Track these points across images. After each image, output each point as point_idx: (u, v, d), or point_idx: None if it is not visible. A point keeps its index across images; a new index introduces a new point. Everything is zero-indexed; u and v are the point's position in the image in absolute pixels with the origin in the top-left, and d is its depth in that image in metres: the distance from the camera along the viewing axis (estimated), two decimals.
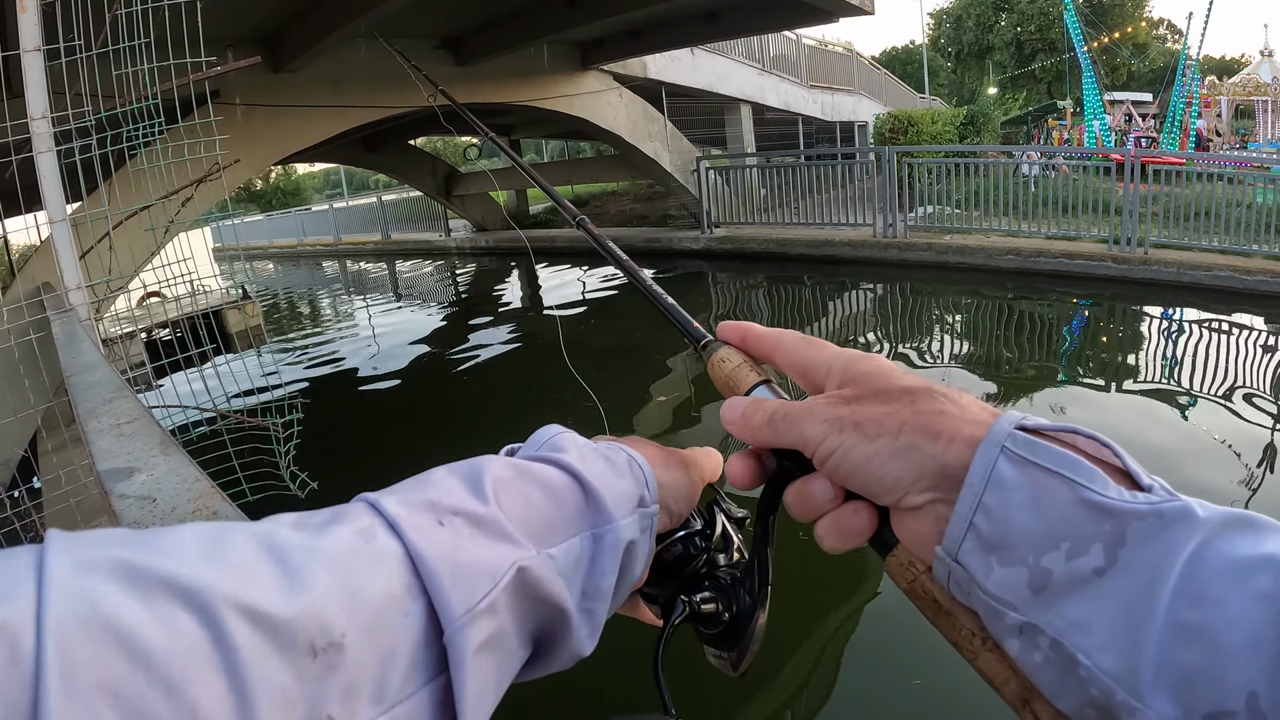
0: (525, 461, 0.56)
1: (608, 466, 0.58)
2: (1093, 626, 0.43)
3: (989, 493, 0.47)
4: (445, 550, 0.45)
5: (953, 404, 0.52)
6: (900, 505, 0.52)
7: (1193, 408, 6.96)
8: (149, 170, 4.51)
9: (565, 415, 6.38)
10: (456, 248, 24.83)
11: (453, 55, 13.63)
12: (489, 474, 0.52)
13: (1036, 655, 0.46)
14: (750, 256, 16.16)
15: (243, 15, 9.72)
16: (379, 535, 0.44)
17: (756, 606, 0.60)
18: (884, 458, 0.51)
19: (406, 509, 0.46)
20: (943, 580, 0.51)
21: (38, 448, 5.39)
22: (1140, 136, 23.67)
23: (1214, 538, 0.42)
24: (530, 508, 0.52)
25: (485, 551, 0.47)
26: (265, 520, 0.44)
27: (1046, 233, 12.70)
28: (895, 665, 4.00)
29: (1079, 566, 0.44)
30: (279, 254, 34.51)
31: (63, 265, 3.91)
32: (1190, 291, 10.62)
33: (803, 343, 0.63)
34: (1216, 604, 0.40)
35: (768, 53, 21.67)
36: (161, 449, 1.37)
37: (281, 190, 67.75)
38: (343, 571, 0.41)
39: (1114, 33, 42.23)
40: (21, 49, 3.67)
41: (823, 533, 0.56)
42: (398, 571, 0.43)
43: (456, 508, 0.48)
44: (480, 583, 0.45)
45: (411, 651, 0.42)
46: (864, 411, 0.53)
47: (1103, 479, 0.45)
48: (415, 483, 0.50)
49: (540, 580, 0.49)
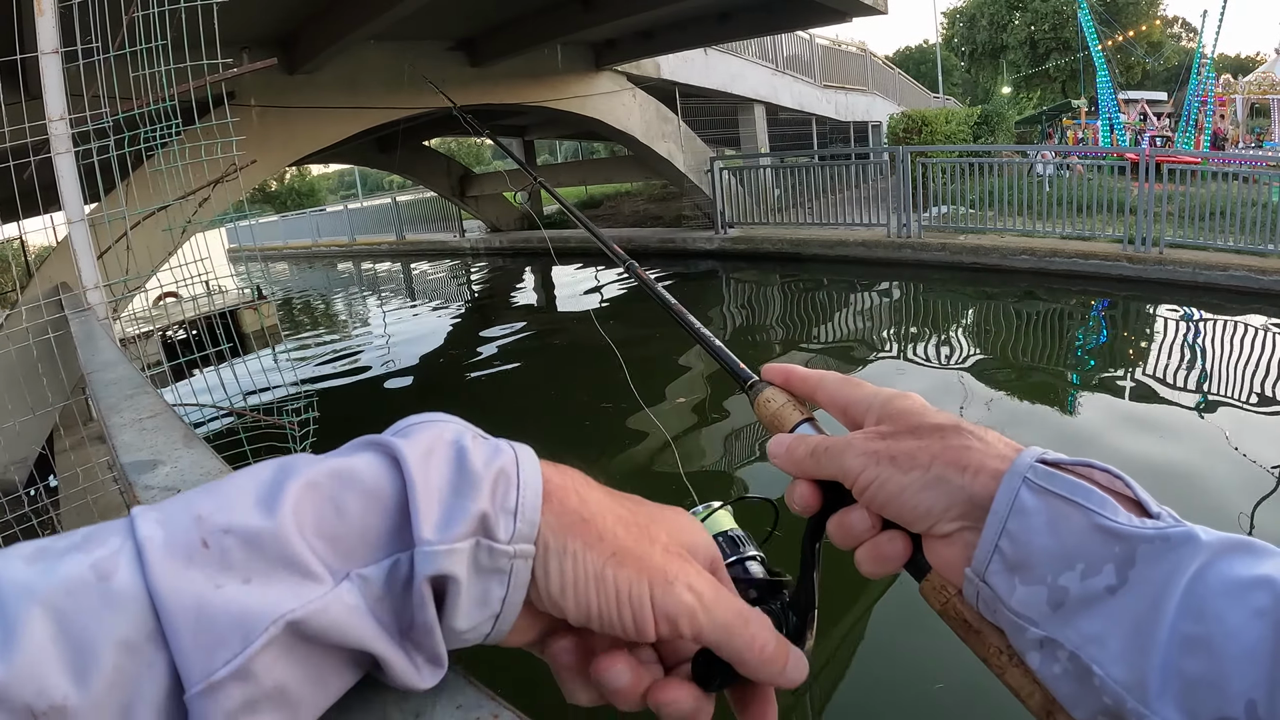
0: (353, 456, 0.46)
1: (455, 472, 0.46)
2: (1106, 640, 0.47)
3: (1012, 519, 0.52)
4: (192, 592, 0.38)
5: (979, 440, 0.57)
6: (932, 533, 0.57)
7: (1208, 409, 6.92)
8: (166, 171, 4.53)
9: (582, 416, 6.38)
10: (471, 248, 24.84)
11: (467, 56, 13.65)
12: (296, 475, 0.43)
13: (1055, 667, 0.50)
14: (764, 257, 16.13)
15: (258, 17, 9.75)
16: (120, 569, 0.38)
17: (805, 628, 0.62)
18: (916, 489, 0.56)
19: (164, 529, 0.40)
20: (972, 600, 0.55)
21: (54, 446, 5.44)
22: (1155, 135, 23.55)
23: (1215, 560, 0.46)
24: (342, 519, 0.43)
25: (247, 593, 0.39)
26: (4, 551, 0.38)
27: (1061, 233, 12.64)
28: (918, 668, 3.99)
29: (1093, 585, 0.49)
30: (294, 255, 34.57)
31: (81, 265, 3.94)
32: (1206, 291, 10.56)
33: (843, 382, 0.67)
34: (1217, 619, 0.44)
35: (781, 53, 21.64)
36: (185, 442, 1.39)
37: (296, 191, 67.94)
38: (67, 620, 0.35)
39: (1128, 31, 41.98)
40: (40, 51, 3.70)
41: (862, 558, 0.61)
42: (138, 616, 0.37)
43: (230, 525, 0.40)
44: (228, 640, 0.38)
45: (155, 705, 0.37)
46: (899, 446, 0.58)
47: (1114, 506, 0.50)
48: (204, 489, 0.43)
49: (330, 626, 0.41)
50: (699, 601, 0.48)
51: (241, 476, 0.44)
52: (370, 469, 0.45)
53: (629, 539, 0.49)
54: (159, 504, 0.42)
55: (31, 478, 5.62)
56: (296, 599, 0.40)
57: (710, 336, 0.81)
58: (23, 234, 11.94)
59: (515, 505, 0.46)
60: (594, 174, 24.88)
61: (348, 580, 0.42)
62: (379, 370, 11.57)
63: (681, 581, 0.49)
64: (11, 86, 3.87)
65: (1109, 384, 7.86)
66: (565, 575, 0.47)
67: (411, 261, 26.29)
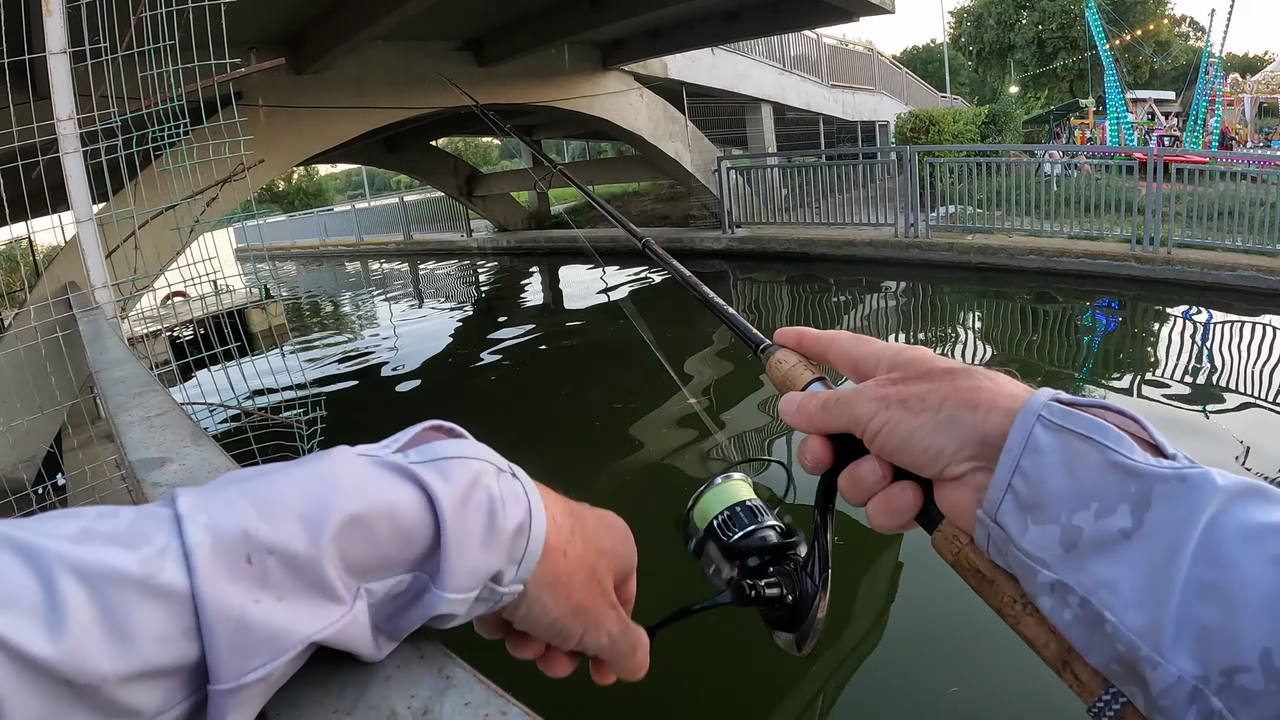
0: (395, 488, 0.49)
1: (486, 529, 0.50)
2: (1119, 585, 0.46)
3: (1026, 457, 0.51)
4: (234, 603, 0.41)
5: (990, 380, 0.56)
6: (943, 476, 0.56)
7: (1216, 411, 6.90)
8: (174, 171, 4.54)
9: (593, 417, 6.38)
10: (478, 248, 24.86)
11: (474, 56, 13.67)
12: (343, 503, 0.46)
13: (1067, 613, 0.49)
14: (772, 256, 16.13)
15: (266, 18, 9.77)
16: (167, 569, 0.40)
17: (819, 591, 0.63)
18: (928, 430, 0.55)
19: (211, 536, 0.42)
20: (982, 544, 0.55)
21: (63, 444, 5.45)
22: (1163, 135, 23.51)
23: (1231, 505, 0.45)
24: (373, 550, 0.47)
25: (281, 611, 0.43)
26: (44, 522, 0.41)
27: (1069, 232, 12.62)
28: (934, 670, 3.98)
29: (1107, 526, 0.47)
30: (301, 254, 34.63)
31: (89, 264, 3.95)
32: (1214, 292, 10.53)
33: (853, 340, 0.67)
34: (1233, 566, 0.42)
35: (788, 52, 21.61)
36: (193, 440, 1.39)
37: (304, 191, 67.98)
38: (113, 609, 0.38)
39: (1136, 30, 41.91)
40: (48, 51, 3.71)
41: (873, 510, 0.60)
42: (178, 614, 0.40)
43: (273, 544, 0.43)
44: (259, 651, 0.42)
45: (178, 682, 0.41)
46: (909, 390, 0.58)
47: (1130, 444, 0.49)
48: (249, 488, 0.46)
49: (343, 641, 0.46)
50: (610, 642, 0.60)
51: (288, 481, 0.47)
52: (409, 507, 0.48)
53: (585, 596, 0.58)
54: (204, 499, 0.45)
55: (40, 476, 5.64)
56: (322, 621, 0.45)
57: (724, 305, 0.83)
58: (31, 234, 11.97)
59: (522, 557, 0.53)
60: (601, 174, 24.83)
61: (360, 598, 0.47)
62: (387, 370, 11.58)
63: (604, 629, 0.60)
64: (20, 87, 3.88)
65: (1117, 384, 7.84)
66: (532, 613, 0.56)
67: (419, 261, 26.32)
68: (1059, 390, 0.54)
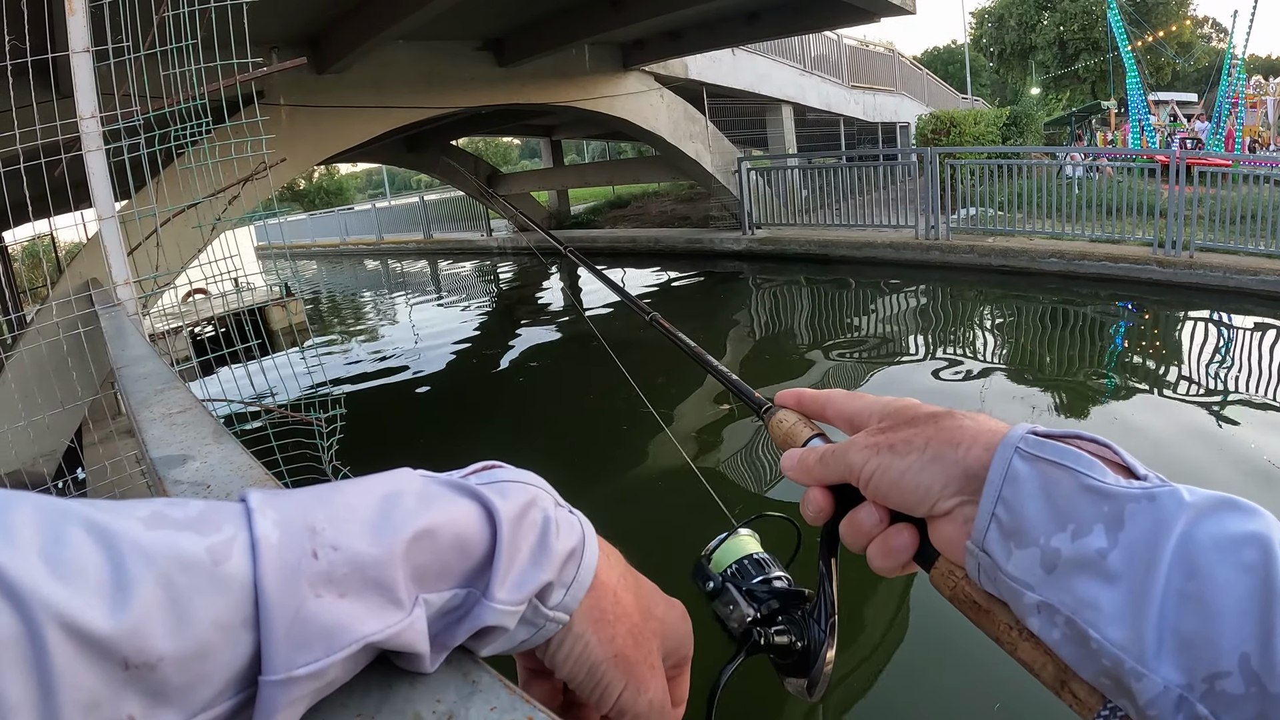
0: (456, 503, 0.50)
1: (538, 545, 0.52)
2: (1100, 603, 0.49)
3: (1006, 487, 0.55)
4: (294, 596, 0.42)
5: (971, 420, 0.61)
6: (934, 513, 0.60)
7: (1237, 416, 6.85)
8: (196, 169, 4.55)
9: (619, 420, 6.35)
10: (498, 247, 24.95)
11: (494, 56, 13.70)
12: (409, 507, 0.48)
13: (1055, 632, 0.52)
14: (792, 258, 16.10)
15: (288, 17, 9.82)
16: (234, 556, 0.41)
17: (826, 637, 0.66)
18: (915, 470, 0.60)
19: (280, 530, 0.43)
20: (974, 574, 0.58)
21: (83, 439, 5.47)
22: (1185, 138, 23.34)
23: (1202, 518, 0.48)
24: (435, 559, 0.48)
25: (341, 608, 0.43)
26: (119, 507, 0.42)
27: (1090, 235, 12.56)
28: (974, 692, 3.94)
29: (1084, 547, 0.50)
30: (322, 253, 34.78)
31: (111, 261, 3.96)
32: (1236, 296, 10.46)
33: (847, 397, 0.72)
34: (1208, 575, 0.45)
35: (809, 53, 21.58)
36: (214, 438, 1.39)
37: (325, 190, 68.36)
38: (177, 591, 0.39)
39: (1158, 31, 41.68)
40: (71, 50, 3.73)
41: (873, 554, 0.64)
42: (239, 602, 0.41)
43: (339, 542, 0.44)
44: (313, 646, 0.42)
45: (231, 673, 0.41)
46: (896, 435, 0.62)
47: (1101, 468, 0.52)
48: (321, 496, 0.47)
49: (399, 645, 0.46)
50: (649, 711, 0.59)
51: (354, 491, 0.48)
52: (468, 519, 0.50)
53: (631, 648, 0.57)
54: (274, 498, 0.46)
55: (60, 470, 5.68)
56: (380, 623, 0.45)
57: (727, 372, 0.88)
58: (54, 230, 12.07)
59: (570, 582, 0.53)
60: (621, 174, 24.92)
61: (419, 606, 0.47)
62: (407, 370, 11.62)
63: (645, 695, 0.58)
64: (43, 85, 3.90)
65: (1137, 389, 7.80)
66: (572, 653, 0.55)
67: (439, 260, 26.41)
68: (1035, 425, 0.57)
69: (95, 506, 0.41)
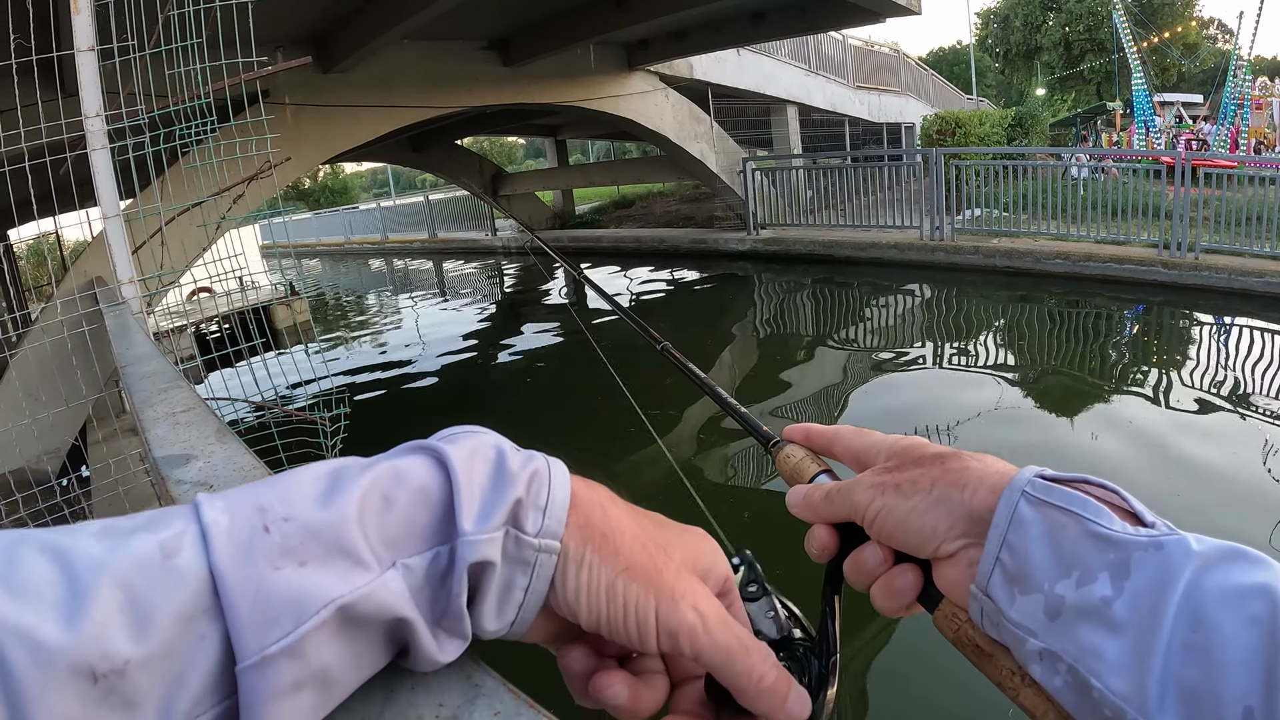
0: (402, 459, 0.49)
1: (495, 468, 0.50)
2: (1103, 652, 0.48)
3: (1011, 531, 0.54)
4: (251, 573, 0.41)
5: (978, 462, 0.60)
6: (938, 554, 0.59)
7: (1242, 420, 6.84)
8: (201, 168, 4.56)
9: (627, 422, 6.33)
10: (502, 247, 24.98)
11: (499, 56, 13.72)
12: (353, 475, 0.47)
13: (1057, 680, 0.51)
14: (796, 258, 16.10)
15: (293, 17, 9.84)
16: (184, 549, 0.41)
17: (828, 675, 0.64)
18: (920, 511, 0.59)
19: (228, 515, 0.43)
20: (977, 618, 0.57)
21: (87, 437, 5.48)
22: (1191, 139, 23.29)
23: (1210, 568, 0.47)
24: (391, 511, 0.46)
25: (303, 576, 0.42)
26: (72, 528, 0.41)
27: (1095, 236, 12.52)
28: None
29: (1088, 594, 0.50)
30: (327, 252, 34.84)
31: (116, 260, 3.96)
32: (1242, 298, 10.44)
33: (855, 434, 0.72)
34: (1215, 627, 0.44)
35: (814, 53, 21.58)
36: (218, 437, 1.39)
37: (330, 189, 68.41)
38: (134, 592, 0.39)
39: (1163, 33, 41.60)
40: (75, 49, 3.73)
41: (876, 593, 0.64)
42: (197, 592, 0.40)
43: (290, 513, 0.44)
44: (282, 619, 0.41)
45: (206, 675, 0.40)
46: (902, 475, 0.62)
47: (1108, 515, 0.52)
48: (265, 483, 0.47)
49: (378, 608, 0.44)
50: (701, 622, 0.51)
51: (300, 473, 0.47)
52: (418, 469, 0.48)
53: (643, 556, 0.52)
54: (223, 493, 0.45)
55: (64, 468, 5.68)
56: (347, 584, 0.43)
57: (736, 405, 0.87)
58: (58, 229, 12.09)
59: (545, 503, 0.49)
60: (626, 174, 24.92)
61: (394, 569, 0.45)
62: (411, 368, 11.64)
63: (687, 601, 0.51)
64: (48, 83, 3.90)
65: (1141, 392, 7.78)
66: (581, 583, 0.50)
67: (443, 260, 26.44)
68: (1043, 468, 0.56)
69: (50, 531, 0.41)
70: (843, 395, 8.57)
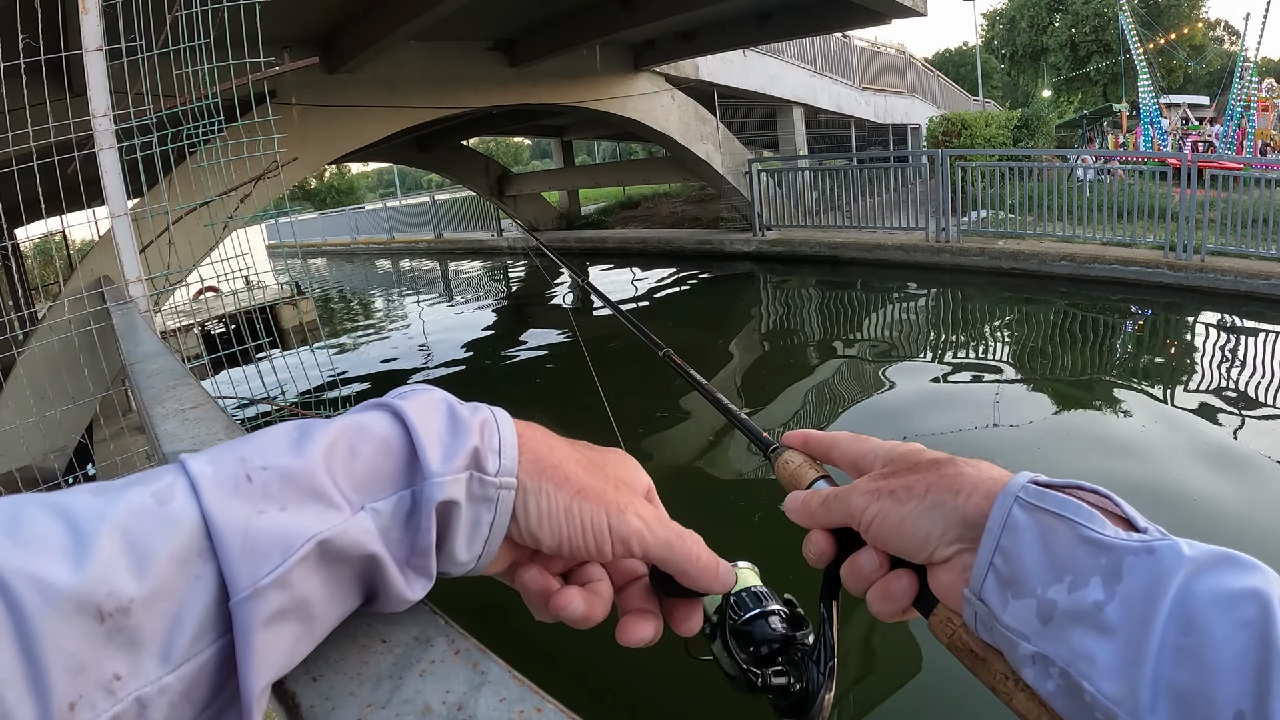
0: (363, 414, 0.55)
1: (448, 418, 0.55)
2: (1095, 656, 0.49)
3: (1005, 536, 0.55)
4: (239, 515, 0.45)
5: (972, 468, 0.61)
6: (933, 559, 0.60)
7: (1248, 422, 6.82)
8: (208, 168, 4.58)
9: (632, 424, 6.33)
10: (508, 247, 24.96)
11: (505, 57, 13.74)
12: (319, 428, 0.52)
13: (1049, 684, 0.52)
14: (802, 259, 16.08)
15: (299, 17, 9.85)
16: (176, 497, 0.44)
17: (824, 680, 0.66)
18: (915, 516, 0.60)
19: (213, 466, 0.47)
20: (971, 623, 0.58)
21: (94, 435, 5.49)
22: (1197, 141, 23.24)
23: (1201, 572, 0.47)
24: (356, 460, 0.51)
25: (285, 517, 0.46)
26: (66, 490, 0.45)
27: (1101, 238, 12.50)
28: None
29: (1080, 599, 0.50)
30: (332, 251, 34.85)
31: (123, 258, 3.98)
32: (1248, 300, 10.40)
33: (853, 440, 0.73)
34: (1205, 631, 0.45)
35: (820, 55, 21.56)
36: (226, 433, 1.39)
37: (336, 189, 68.34)
38: (133, 537, 0.42)
39: (1170, 34, 41.55)
40: (84, 49, 3.74)
41: (872, 598, 0.64)
42: (191, 535, 0.43)
43: (268, 462, 0.48)
44: (270, 555, 0.45)
45: (201, 613, 0.43)
46: (898, 481, 0.63)
47: (1101, 520, 0.52)
48: (241, 440, 0.51)
49: (351, 545, 0.48)
50: (645, 525, 0.60)
51: (272, 430, 0.52)
52: (378, 422, 0.53)
53: (589, 478, 0.59)
54: (203, 451, 0.49)
55: (71, 466, 5.69)
56: (324, 523, 0.47)
57: (736, 411, 0.89)
58: (65, 228, 12.11)
59: (499, 446, 0.56)
60: (632, 175, 24.94)
61: (363, 511, 0.50)
62: (416, 369, 11.63)
63: (631, 510, 0.59)
64: (56, 83, 3.92)
65: (1147, 393, 7.76)
66: (541, 510, 0.56)
67: (449, 260, 26.43)
68: (1037, 474, 0.57)
69: (47, 494, 0.43)
70: (845, 397, 8.55)
